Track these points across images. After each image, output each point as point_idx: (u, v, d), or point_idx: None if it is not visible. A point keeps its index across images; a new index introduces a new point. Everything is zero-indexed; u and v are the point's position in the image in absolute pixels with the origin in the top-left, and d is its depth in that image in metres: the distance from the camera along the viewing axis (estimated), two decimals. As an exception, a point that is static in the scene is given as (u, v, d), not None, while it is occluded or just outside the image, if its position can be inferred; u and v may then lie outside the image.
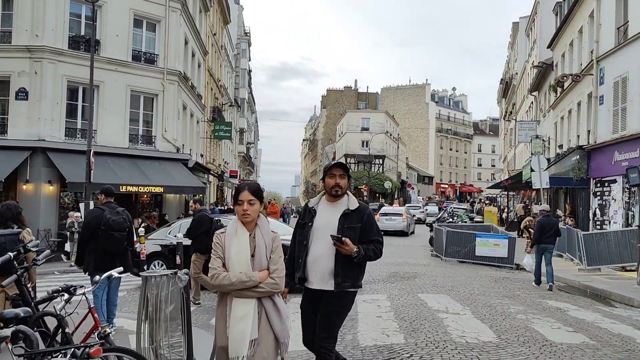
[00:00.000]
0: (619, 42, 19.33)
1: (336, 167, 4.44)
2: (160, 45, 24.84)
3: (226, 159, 46.55)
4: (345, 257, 4.25)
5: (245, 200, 3.64)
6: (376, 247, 4.40)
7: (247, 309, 3.53)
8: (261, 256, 3.62)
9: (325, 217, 4.40)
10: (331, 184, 4.39)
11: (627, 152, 17.92)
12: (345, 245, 4.18)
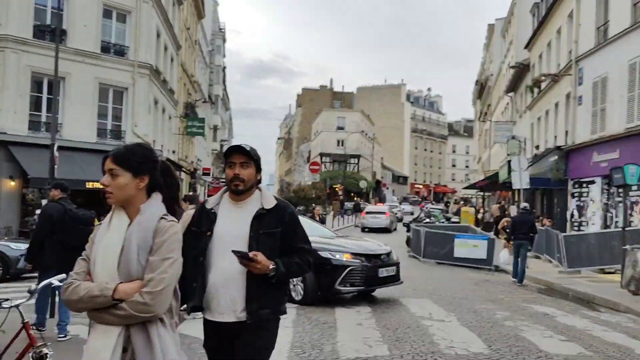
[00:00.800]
0: (598, 42, 19.17)
1: (236, 153, 3.18)
2: (131, 37, 23.99)
3: (199, 156, 45.66)
4: (261, 277, 3.03)
5: (107, 171, 2.51)
6: (302, 258, 3.21)
7: (105, 343, 2.27)
8: (129, 258, 2.34)
9: (231, 222, 3.15)
10: (230, 176, 3.16)
11: (606, 153, 17.74)
12: (255, 263, 2.97)
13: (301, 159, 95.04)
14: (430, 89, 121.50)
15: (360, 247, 10.00)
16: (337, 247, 9.58)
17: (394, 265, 10.05)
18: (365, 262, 9.37)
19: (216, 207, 3.23)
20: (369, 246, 10.26)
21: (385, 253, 10.00)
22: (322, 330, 7.31)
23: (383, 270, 9.63)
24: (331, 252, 9.23)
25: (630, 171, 11.57)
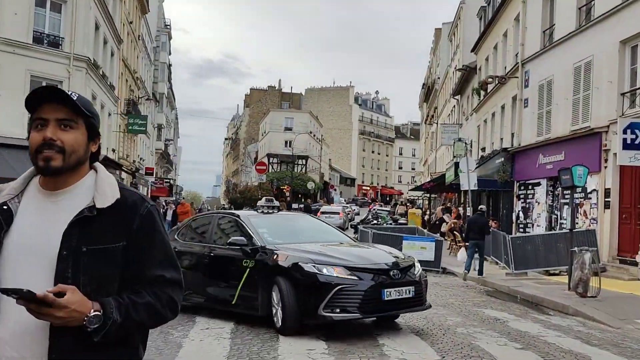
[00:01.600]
0: (544, 45, 19.32)
1: (49, 104, 1.76)
2: (67, 27, 22.70)
3: (142, 156, 44.13)
4: (76, 331, 1.65)
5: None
6: (160, 296, 1.81)
7: None
8: None
9: (34, 228, 1.78)
10: (36, 143, 1.75)
11: (552, 155, 17.84)
12: (54, 309, 1.59)
13: (248, 159, 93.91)
14: (378, 92, 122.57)
15: (362, 258, 7.54)
16: (328, 258, 7.31)
17: (410, 284, 7.33)
18: (362, 280, 7.03)
19: (14, 200, 1.82)
20: (375, 256, 7.72)
21: (396, 267, 7.37)
22: (262, 342, 6.73)
23: (391, 291, 7.05)
24: (318, 264, 7.10)
25: (578, 172, 11.48)
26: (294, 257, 7.31)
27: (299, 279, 7.05)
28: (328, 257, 7.38)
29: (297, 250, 7.55)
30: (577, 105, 16.45)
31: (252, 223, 8.46)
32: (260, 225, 8.46)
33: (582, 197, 15.82)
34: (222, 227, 9.14)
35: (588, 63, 15.97)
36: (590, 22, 16.07)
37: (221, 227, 9.14)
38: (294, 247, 7.70)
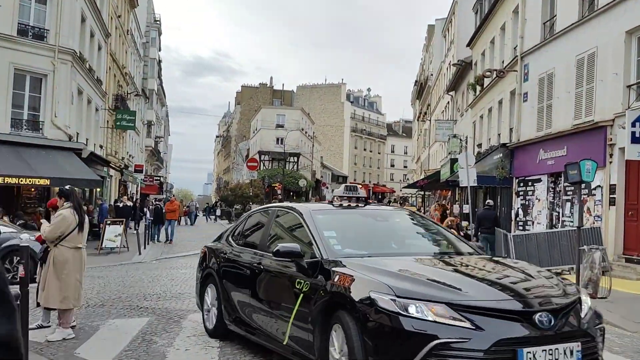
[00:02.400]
0: (544, 37, 18.79)
1: None
2: (52, 19, 21.90)
3: (131, 152, 43.31)
4: None
5: None
6: None
7: None
8: None
9: None
10: None
11: (553, 150, 17.32)
12: None
13: (240, 157, 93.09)
14: (369, 89, 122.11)
15: (483, 287, 4.47)
16: (421, 285, 4.38)
17: (573, 337, 4.22)
18: (482, 329, 4.01)
19: None
20: (509, 284, 4.65)
21: (547, 306, 4.27)
22: (254, 352, 6.11)
23: (536, 353, 4.00)
24: (401, 297, 4.20)
25: (587, 167, 10.90)
26: (364, 280, 4.47)
27: (369, 319, 4.21)
28: (422, 283, 4.38)
29: (371, 270, 4.64)
30: (580, 99, 15.92)
31: (317, 222, 5.59)
32: (329, 226, 5.68)
33: (586, 194, 15.29)
34: (279, 228, 6.41)
35: (592, 55, 15.44)
36: (593, 12, 15.53)
37: (277, 228, 6.42)
38: (370, 264, 4.81)
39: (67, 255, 6.98)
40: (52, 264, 6.94)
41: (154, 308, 8.82)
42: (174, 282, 12.04)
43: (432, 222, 6.87)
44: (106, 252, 18.84)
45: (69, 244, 6.98)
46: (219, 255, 6.96)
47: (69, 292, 6.96)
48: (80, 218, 7.07)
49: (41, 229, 7.11)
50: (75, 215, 7.02)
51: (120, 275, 13.45)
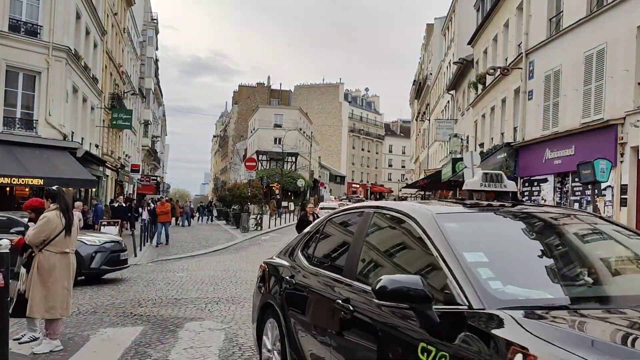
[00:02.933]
0: (550, 34, 18.34)
1: None
2: (45, 15, 21.44)
3: (127, 152, 42.77)
4: None
5: None
6: None
7: None
8: None
9: None
10: None
11: (560, 150, 16.86)
12: None
13: (237, 157, 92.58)
14: (367, 89, 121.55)
15: None
16: None
17: None
18: None
19: None
20: None
21: None
22: (259, 366, 5.62)
23: None
24: None
25: (601, 166, 10.50)
26: None
27: None
28: None
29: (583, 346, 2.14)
30: (589, 96, 15.46)
31: (449, 237, 3.11)
32: (471, 244, 3.23)
33: (596, 194, 14.84)
34: (379, 243, 3.96)
35: (601, 51, 14.98)
36: (602, 7, 15.08)
37: (376, 243, 3.96)
38: (574, 328, 2.43)
39: (53, 261, 6.48)
40: (36, 270, 6.44)
41: (148, 315, 8.33)
42: (170, 286, 11.55)
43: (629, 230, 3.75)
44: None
45: (54, 248, 6.48)
46: (284, 278, 4.70)
47: (56, 301, 6.46)
48: (67, 221, 6.57)
49: (26, 233, 6.61)
50: (61, 218, 6.53)
51: (115, 278, 12.94)
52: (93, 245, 11.86)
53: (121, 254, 12.62)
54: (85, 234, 12.58)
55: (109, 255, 12.01)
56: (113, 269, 12.35)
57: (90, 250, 11.68)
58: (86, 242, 11.74)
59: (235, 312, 8.59)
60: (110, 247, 12.21)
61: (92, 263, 11.63)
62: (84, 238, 11.81)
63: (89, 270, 11.62)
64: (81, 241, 11.26)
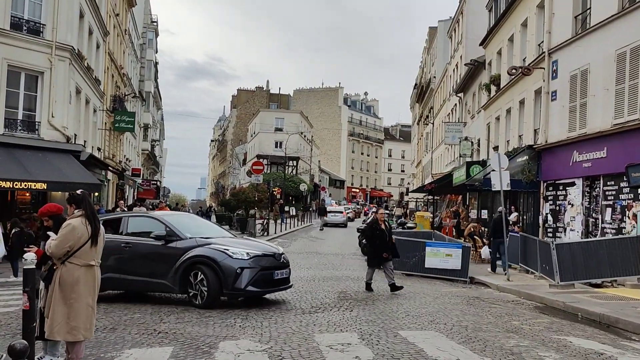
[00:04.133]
0: (576, 32, 17.63)
1: None
2: (48, 13, 20.64)
3: (128, 156, 41.92)
4: None
5: None
6: None
7: None
8: None
9: None
10: None
11: (590, 152, 16.11)
12: None
13: (236, 161, 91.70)
14: (367, 93, 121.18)
15: None
16: None
17: None
18: None
19: None
20: None
21: None
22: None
23: None
24: None
25: (654, 169, 9.74)
26: None
27: None
28: None
29: None
30: (622, 96, 14.73)
31: None
32: None
33: (631, 198, 14.12)
34: None
35: (635, 48, 14.26)
36: (636, 3, 14.38)
37: None
38: None
39: (77, 275, 5.68)
40: (58, 285, 5.65)
41: (175, 333, 7.52)
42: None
43: None
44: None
45: (79, 260, 5.68)
46: None
47: (79, 321, 5.65)
48: (93, 229, 5.78)
49: (47, 243, 5.79)
50: (87, 226, 5.74)
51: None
52: (239, 259, 9.74)
53: (277, 272, 10.13)
54: (232, 243, 10.51)
55: (259, 273, 9.76)
56: (264, 290, 10.01)
57: (234, 265, 9.62)
58: (231, 254, 9.76)
59: (270, 328, 7.79)
60: (263, 262, 9.98)
61: (236, 282, 9.55)
62: (230, 248, 9.93)
63: (232, 291, 9.65)
64: (225, 252, 9.77)
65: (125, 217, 11.13)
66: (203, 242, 9.93)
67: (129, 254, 10.14)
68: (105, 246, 9.51)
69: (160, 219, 10.61)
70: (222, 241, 10.22)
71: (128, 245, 10.17)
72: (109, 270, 9.55)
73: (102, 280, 8.84)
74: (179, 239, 9.98)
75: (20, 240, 13.43)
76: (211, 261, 9.58)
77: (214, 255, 9.66)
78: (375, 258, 12.51)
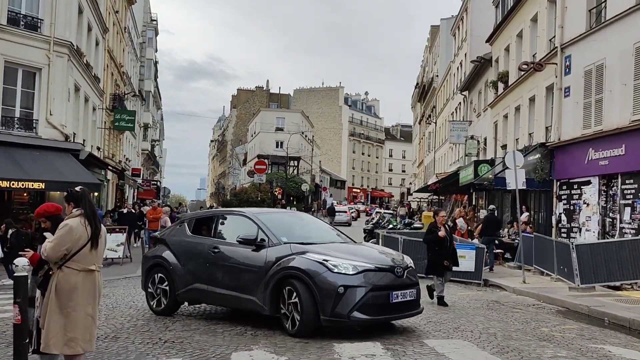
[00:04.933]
0: (590, 26, 17.09)
1: None
2: (46, 8, 20.09)
3: (128, 156, 41.35)
4: None
5: None
6: None
7: None
8: None
9: None
10: None
11: (607, 150, 15.56)
12: None
13: (236, 161, 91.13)
14: (367, 93, 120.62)
15: None
16: None
17: None
18: None
19: None
20: None
21: None
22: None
23: None
24: None
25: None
26: None
27: None
28: None
29: None
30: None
31: None
32: None
33: (651, 197, 13.57)
34: None
35: (656, 42, 13.74)
36: (657, -6, 13.86)
37: None
38: None
39: (75, 281, 5.11)
40: (54, 293, 5.09)
41: (182, 342, 6.96)
42: (194, 302, 10.16)
43: None
44: (107, 263, 16.97)
45: (77, 265, 5.12)
46: None
47: (77, 332, 5.09)
48: (93, 230, 5.22)
49: (42, 246, 5.23)
50: (86, 227, 5.18)
51: (129, 292, 11.60)
52: (342, 273, 7.17)
53: (396, 293, 7.40)
54: (336, 250, 7.83)
55: (369, 294, 7.11)
56: (377, 317, 7.28)
57: (335, 281, 7.09)
58: (331, 267, 7.21)
59: (285, 337, 7.21)
60: (376, 278, 7.31)
61: (336, 305, 7.00)
62: (331, 258, 7.36)
63: (332, 317, 7.03)
64: (323, 263, 7.26)
65: (218, 214, 9.71)
66: (298, 250, 7.63)
67: (217, 261, 8.39)
68: (195, 250, 8.72)
69: (251, 217, 8.61)
70: (322, 248, 7.76)
71: (216, 249, 8.48)
72: (197, 280, 8.56)
73: (190, 290, 8.63)
74: (272, 244, 7.90)
75: (18, 241, 12.87)
76: (305, 275, 7.21)
77: (309, 267, 7.25)
78: (438, 266, 11.12)
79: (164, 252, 9.16)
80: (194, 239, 9.00)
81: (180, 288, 8.70)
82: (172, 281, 8.80)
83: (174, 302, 8.88)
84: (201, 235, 9.09)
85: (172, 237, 9.43)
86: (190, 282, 8.61)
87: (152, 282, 9.14)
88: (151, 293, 9.12)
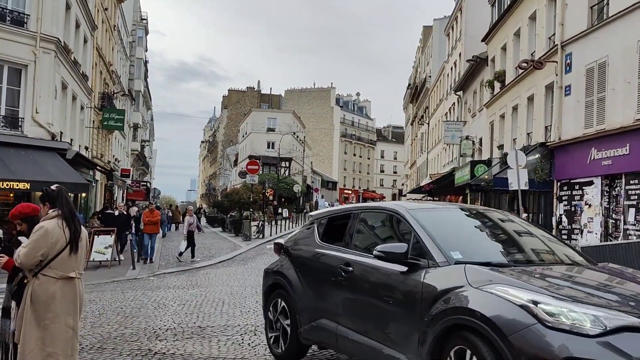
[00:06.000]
0: (592, 23, 16.73)
1: None
2: (33, 4, 19.49)
3: (117, 156, 40.65)
4: None
5: None
6: None
7: None
8: None
9: None
10: None
11: (610, 149, 15.19)
12: None
13: (227, 162, 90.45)
14: (359, 94, 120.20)
15: None
16: None
17: None
18: None
19: None
20: None
21: None
22: None
23: None
24: None
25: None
26: None
27: None
28: None
29: None
30: (646, 89, 13.83)
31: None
32: None
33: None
34: None
35: (662, 38, 13.37)
36: (662, -10, 13.50)
37: None
38: None
39: (53, 290, 4.57)
40: (29, 303, 4.55)
41: (173, 354, 6.44)
42: (187, 308, 9.65)
43: None
44: (95, 266, 16.39)
45: (54, 272, 4.57)
46: None
47: (56, 346, 4.56)
48: (72, 232, 4.68)
49: (16, 251, 4.68)
50: (64, 229, 4.64)
51: (117, 297, 11.03)
52: (569, 331, 3.46)
53: None
54: (553, 284, 4.08)
55: None
56: None
57: (555, 346, 3.42)
58: (543, 317, 3.55)
59: (284, 348, 6.70)
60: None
61: None
62: (543, 298, 3.69)
63: None
64: (527, 309, 3.63)
65: (357, 210, 6.03)
66: (480, 277, 4.15)
67: (349, 286, 5.31)
68: (322, 267, 5.75)
69: (404, 215, 5.19)
70: (528, 276, 4.22)
71: (349, 267, 5.35)
72: (324, 313, 5.59)
73: (315, 329, 5.63)
74: (434, 264, 4.53)
75: None
76: (489, 328, 3.71)
77: (497, 313, 3.74)
78: None
79: (286, 267, 6.36)
80: (322, 250, 5.96)
81: (303, 323, 5.82)
82: (293, 313, 5.98)
83: (297, 343, 5.96)
84: (333, 244, 5.97)
85: (296, 247, 6.49)
86: (315, 316, 5.68)
87: (273, 307, 6.43)
88: (270, 322, 6.47)
